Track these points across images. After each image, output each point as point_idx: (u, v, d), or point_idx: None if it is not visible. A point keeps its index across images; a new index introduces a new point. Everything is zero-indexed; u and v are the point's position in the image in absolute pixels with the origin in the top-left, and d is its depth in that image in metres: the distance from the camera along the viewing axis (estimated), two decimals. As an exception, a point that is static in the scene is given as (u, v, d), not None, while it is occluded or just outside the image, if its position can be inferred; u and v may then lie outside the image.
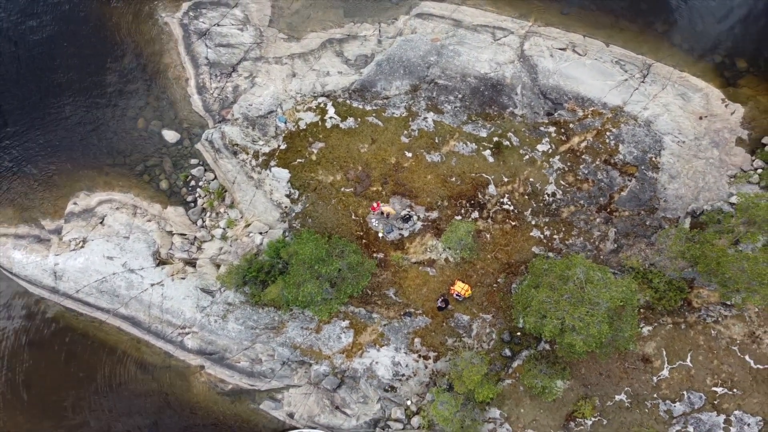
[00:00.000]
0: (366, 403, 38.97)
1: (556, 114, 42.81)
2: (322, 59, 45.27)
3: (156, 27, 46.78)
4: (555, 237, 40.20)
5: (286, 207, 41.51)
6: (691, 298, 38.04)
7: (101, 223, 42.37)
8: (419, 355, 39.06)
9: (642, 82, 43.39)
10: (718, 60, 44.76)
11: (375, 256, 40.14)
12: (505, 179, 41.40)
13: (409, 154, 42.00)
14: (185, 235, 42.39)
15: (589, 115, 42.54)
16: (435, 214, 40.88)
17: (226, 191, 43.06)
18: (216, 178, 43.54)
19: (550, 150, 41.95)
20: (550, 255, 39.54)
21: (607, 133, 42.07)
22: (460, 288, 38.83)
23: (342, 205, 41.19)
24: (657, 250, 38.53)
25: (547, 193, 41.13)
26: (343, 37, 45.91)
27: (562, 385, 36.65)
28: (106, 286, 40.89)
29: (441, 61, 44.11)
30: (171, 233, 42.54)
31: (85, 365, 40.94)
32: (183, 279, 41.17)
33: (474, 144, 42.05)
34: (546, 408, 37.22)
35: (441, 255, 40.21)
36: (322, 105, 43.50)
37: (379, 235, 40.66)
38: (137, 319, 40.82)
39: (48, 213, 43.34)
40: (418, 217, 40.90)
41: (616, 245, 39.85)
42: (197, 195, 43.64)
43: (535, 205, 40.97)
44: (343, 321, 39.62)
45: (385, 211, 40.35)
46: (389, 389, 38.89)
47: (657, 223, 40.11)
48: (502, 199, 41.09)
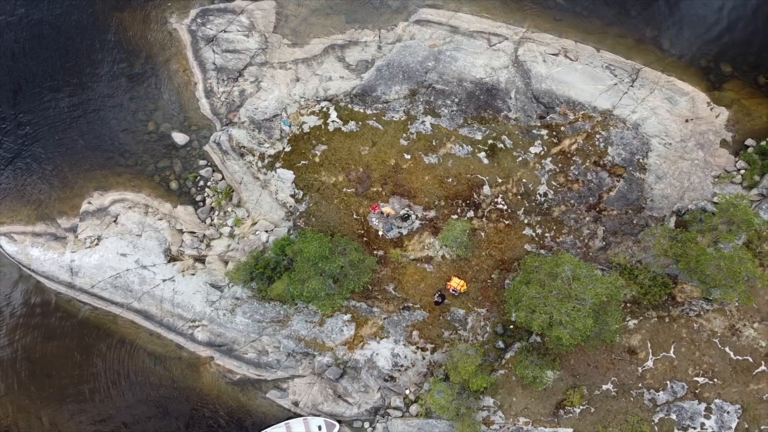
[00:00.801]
0: (367, 392, 39.99)
1: (548, 117, 43.09)
2: (324, 64, 45.49)
3: (165, 33, 47.11)
4: (546, 235, 41.06)
5: (290, 206, 42.26)
6: (675, 293, 38.94)
7: (115, 221, 43.29)
8: (417, 347, 40.02)
9: (631, 86, 43.63)
10: (704, 65, 44.96)
11: (375, 253, 40.93)
12: (500, 180, 42.02)
13: (407, 156, 42.54)
14: (195, 233, 43.28)
15: (579, 119, 42.89)
16: (432, 214, 41.61)
17: (233, 191, 43.79)
18: (224, 178, 44.24)
19: (543, 152, 42.47)
20: (541, 252, 40.37)
21: (597, 136, 42.51)
22: (456, 283, 39.61)
23: (344, 205, 41.97)
24: (643, 247, 39.46)
25: (539, 193, 41.79)
26: (345, 42, 46.11)
27: (552, 375, 37.62)
28: (120, 281, 42.08)
29: (438, 66, 44.35)
30: (181, 231, 43.40)
31: (101, 356, 42.30)
32: (193, 275, 42.22)
33: (470, 146, 42.51)
34: (537, 396, 38.25)
35: (438, 252, 41.01)
36: (324, 109, 43.83)
37: (379, 233, 41.39)
38: (150, 312, 41.96)
39: (64, 212, 44.22)
40: (417, 216, 41.58)
41: (604, 243, 40.73)
42: (206, 195, 44.48)
43: (527, 204, 41.68)
44: (345, 315, 40.51)
45: (385, 211, 41.07)
46: (389, 379, 39.84)
47: (644, 222, 40.86)
48: (496, 199, 41.78)
